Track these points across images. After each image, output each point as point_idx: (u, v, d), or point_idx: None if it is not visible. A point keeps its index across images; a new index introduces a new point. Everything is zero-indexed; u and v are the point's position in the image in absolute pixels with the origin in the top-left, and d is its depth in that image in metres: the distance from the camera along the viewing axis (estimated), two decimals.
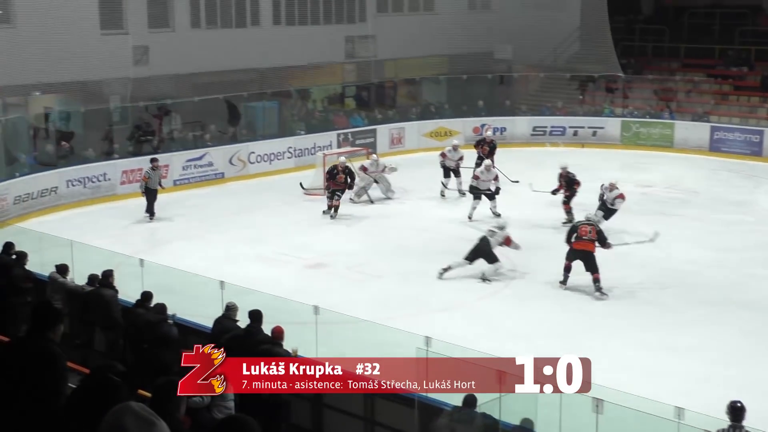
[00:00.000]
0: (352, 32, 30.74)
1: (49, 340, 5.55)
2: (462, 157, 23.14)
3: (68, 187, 22.26)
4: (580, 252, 15.91)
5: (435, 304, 15.36)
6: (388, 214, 21.65)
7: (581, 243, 15.87)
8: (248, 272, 16.52)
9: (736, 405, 8.63)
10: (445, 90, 32.70)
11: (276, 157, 26.58)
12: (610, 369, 12.31)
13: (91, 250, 15.31)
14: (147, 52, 25.97)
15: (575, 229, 16.17)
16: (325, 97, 31.80)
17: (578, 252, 15.92)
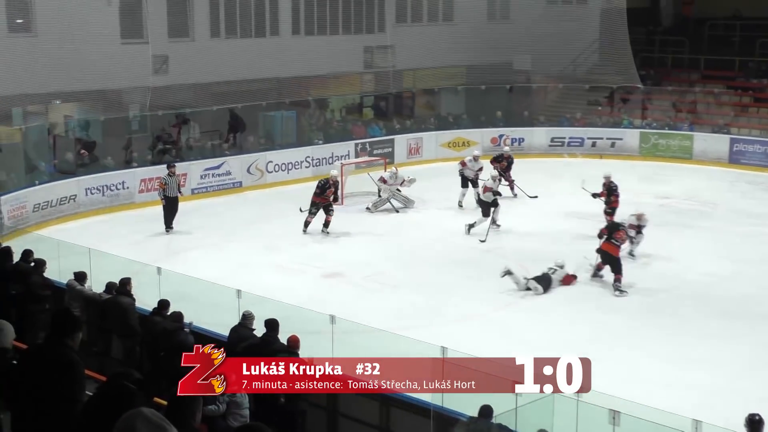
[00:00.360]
0: (370, 42, 30.79)
1: (68, 347, 5.58)
2: (482, 168, 23.07)
3: (87, 195, 22.38)
4: (604, 253, 16.67)
5: (451, 314, 15.33)
6: (405, 223, 21.64)
7: (606, 244, 16.63)
8: (265, 281, 16.54)
9: (755, 418, 8.57)
10: (463, 100, 32.68)
11: (294, 167, 26.63)
12: (627, 380, 12.29)
13: (109, 258, 15.39)
14: (167, 62, 26.10)
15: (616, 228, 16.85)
16: (344, 107, 31.86)
17: (603, 253, 16.70)
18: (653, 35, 34.30)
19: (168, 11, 25.92)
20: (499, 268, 16.60)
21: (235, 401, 9.45)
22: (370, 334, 12.89)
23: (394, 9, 30.46)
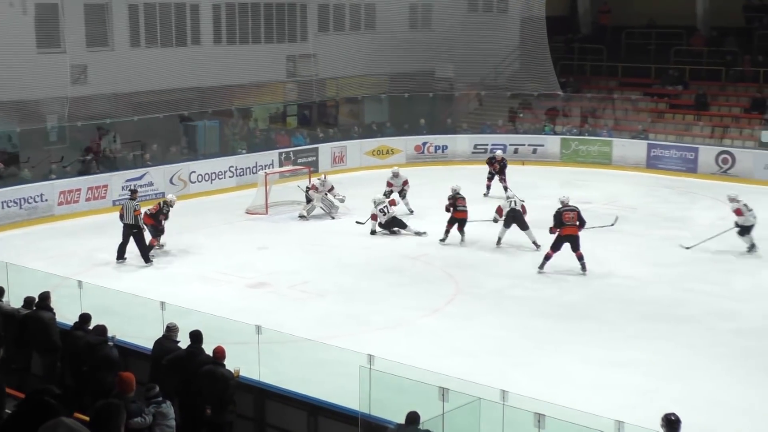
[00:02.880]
0: (293, 51, 30.74)
1: None
2: (406, 181, 23.33)
3: (3, 208, 21.84)
4: (567, 237, 17.96)
5: (378, 322, 15.35)
6: (330, 232, 21.63)
7: (568, 228, 17.93)
8: (189, 292, 16.37)
9: (671, 417, 8.74)
10: (386, 108, 32.87)
11: (217, 177, 26.43)
12: (552, 384, 12.47)
13: (28, 272, 15.03)
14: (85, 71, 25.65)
15: (560, 215, 18.07)
16: (267, 116, 31.76)
17: (566, 237, 17.96)
18: (572, 43, 34.97)
19: (86, 20, 25.47)
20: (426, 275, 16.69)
21: (161, 412, 9.31)
22: (296, 344, 12.86)
23: (317, 18, 30.47)
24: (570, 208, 18.18)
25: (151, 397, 9.40)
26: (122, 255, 18.79)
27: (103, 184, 23.82)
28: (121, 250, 18.78)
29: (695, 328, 15.18)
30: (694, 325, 15.27)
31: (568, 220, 17.98)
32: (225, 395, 10.19)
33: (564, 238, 17.99)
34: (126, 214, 18.74)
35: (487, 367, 13.06)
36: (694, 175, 27.87)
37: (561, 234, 18.01)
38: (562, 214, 18.08)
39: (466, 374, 10.83)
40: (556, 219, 18.12)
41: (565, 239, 17.98)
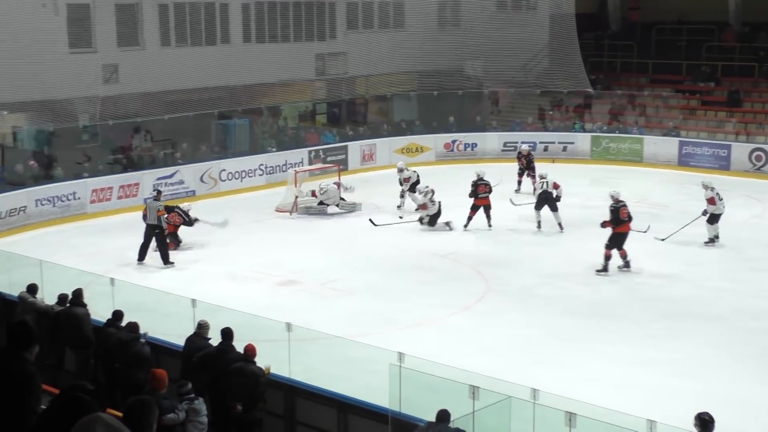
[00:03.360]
0: (322, 49, 30.81)
1: (25, 361, 5.50)
2: (409, 178, 23.55)
3: (37, 206, 22.08)
4: (623, 234, 17.79)
5: (407, 319, 15.36)
6: (360, 230, 21.66)
7: (624, 225, 17.81)
8: (220, 290, 16.45)
9: (705, 417, 8.68)
10: (415, 106, 32.85)
11: (247, 175, 26.55)
12: (581, 383, 12.42)
13: (61, 270, 15.18)
14: (116, 71, 25.87)
15: (617, 211, 17.86)
16: (297, 114, 31.84)
17: (622, 235, 17.78)
18: (602, 40, 34.76)
19: (117, 20, 25.68)
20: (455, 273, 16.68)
21: (194, 408, 9.39)
22: (326, 341, 12.89)
23: (346, 16, 30.51)
24: (623, 204, 18.02)
25: (183, 394, 9.48)
26: (143, 256, 18.76)
27: (134, 183, 24.01)
28: (143, 251, 18.76)
29: (722, 326, 15.06)
30: (721, 324, 15.15)
31: (624, 216, 17.83)
32: (255, 392, 10.25)
33: (619, 236, 17.78)
34: (149, 214, 18.77)
35: (516, 366, 13.03)
36: (727, 173, 27.59)
37: (615, 231, 17.79)
38: (619, 210, 17.86)
39: (494, 372, 10.81)
40: (613, 215, 17.86)
41: (620, 236, 17.79)
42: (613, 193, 18.36)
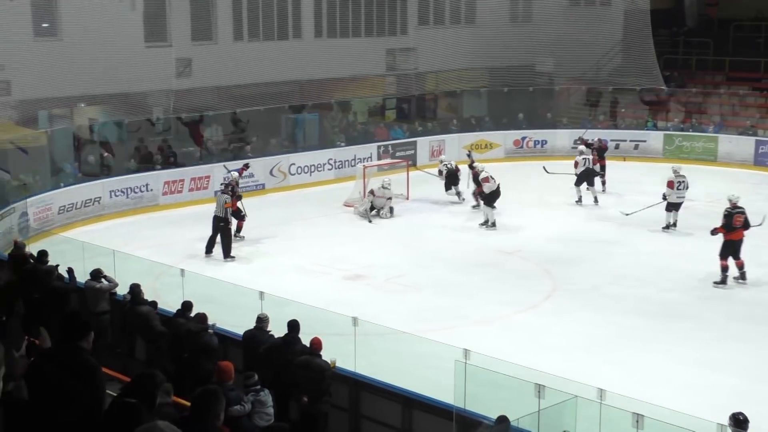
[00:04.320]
0: (393, 45, 30.82)
1: (83, 350, 5.54)
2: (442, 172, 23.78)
3: (111, 197, 22.53)
4: (734, 242, 16.83)
5: (473, 316, 15.31)
6: (427, 225, 21.64)
7: (737, 232, 16.79)
8: (287, 283, 16.59)
9: (739, 417, 8.73)
10: (485, 102, 32.67)
11: (316, 169, 26.71)
12: (648, 383, 12.24)
13: (133, 260, 15.47)
14: (190, 65, 26.24)
15: (731, 217, 16.88)
16: (366, 109, 31.91)
17: (733, 242, 16.82)
18: (677, 36, 34.12)
19: (191, 15, 26.05)
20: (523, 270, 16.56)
21: (260, 400, 9.50)
22: (392, 336, 12.91)
23: (417, 11, 30.49)
24: (740, 210, 16.98)
25: (249, 385, 9.59)
26: (210, 249, 18.93)
27: (205, 175, 24.35)
28: (210, 244, 18.93)
29: None
30: None
31: (738, 223, 16.81)
32: (321, 386, 10.32)
33: (731, 243, 16.84)
34: (217, 206, 18.98)
35: (582, 365, 12.89)
36: None
37: (727, 239, 16.84)
38: (734, 216, 16.88)
39: (561, 371, 10.71)
40: (726, 220, 16.92)
41: (731, 244, 16.84)
42: (731, 197, 17.30)
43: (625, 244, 19.58)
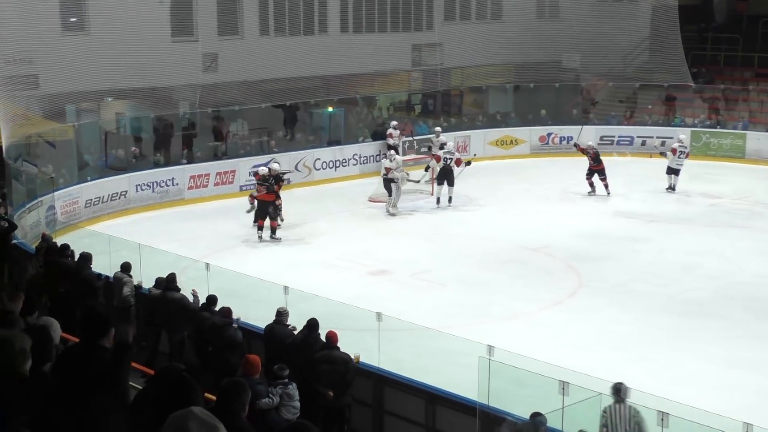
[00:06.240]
0: (418, 40, 30.77)
1: (104, 350, 5.54)
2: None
3: (137, 191, 22.65)
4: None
5: (498, 313, 15.27)
6: (452, 221, 21.61)
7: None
8: (312, 278, 16.59)
9: (618, 386, 9.21)
10: (511, 98, 32.56)
11: (341, 164, 26.72)
12: (675, 382, 12.15)
13: (159, 254, 15.55)
14: (216, 59, 26.34)
15: None
16: (391, 105, 31.89)
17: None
18: (705, 32, 33.79)
19: (218, 9, 26.14)
20: (548, 267, 16.48)
21: (288, 393, 9.52)
22: (416, 332, 12.90)
23: (443, 6, 30.41)
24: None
25: (278, 378, 9.60)
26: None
27: (230, 170, 24.43)
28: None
29: None
30: None
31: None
32: (345, 378, 10.33)
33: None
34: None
35: (607, 362, 12.80)
36: None
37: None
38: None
39: (585, 369, 10.66)
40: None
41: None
42: None
43: (652, 241, 19.45)
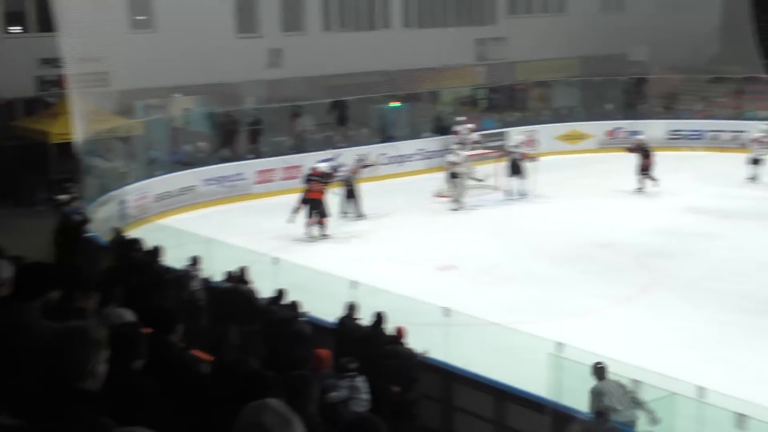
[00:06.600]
0: (482, 34, 30.62)
1: (171, 346, 5.58)
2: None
3: (205, 185, 22.89)
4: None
5: (567, 309, 15.05)
6: (520, 217, 21.41)
7: None
8: (378, 272, 16.56)
9: (597, 365, 9.60)
10: (577, 92, 32.18)
11: (406, 159, 26.65)
12: (753, 382, 11.83)
13: (227, 248, 15.67)
14: (281, 55, 26.50)
15: None
16: (455, 100, 31.76)
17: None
18: None
19: (282, 5, 26.33)
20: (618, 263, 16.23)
21: (355, 386, 9.51)
22: (483, 328, 12.79)
23: (506, 0, 30.20)
24: None
25: (345, 371, 9.60)
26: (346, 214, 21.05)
27: (296, 165, 24.53)
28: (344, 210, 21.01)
29: None
30: None
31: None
32: (411, 372, 10.29)
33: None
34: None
35: (681, 361, 12.53)
36: None
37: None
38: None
39: (657, 367, 10.46)
40: None
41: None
42: None
43: (724, 238, 19.02)
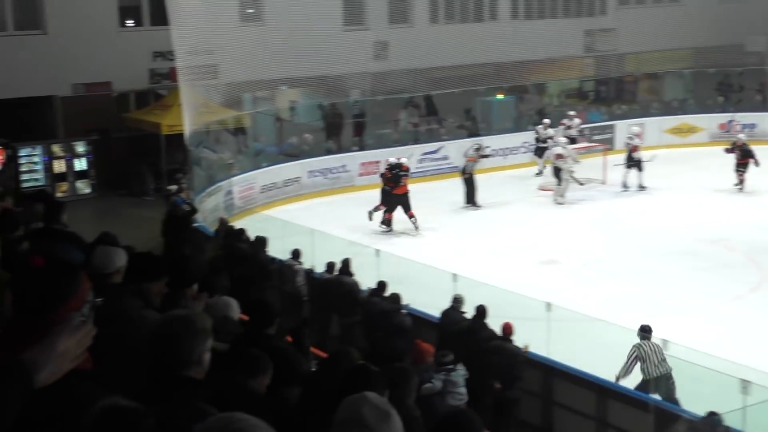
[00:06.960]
0: (591, 25, 30.10)
1: (269, 338, 5.66)
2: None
3: (310, 177, 23.16)
4: None
5: (673, 306, 14.68)
6: (625, 211, 21.00)
7: None
8: (480, 265, 16.47)
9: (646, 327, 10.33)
10: (689, 84, 31.33)
11: (511, 152, 26.42)
12: None
13: (330, 239, 15.83)
14: (386, 47, 26.59)
15: None
16: (563, 92, 31.33)
17: None
18: None
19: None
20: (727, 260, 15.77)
21: (451, 380, 9.48)
22: (586, 323, 12.59)
23: None
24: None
25: (443, 363, 9.58)
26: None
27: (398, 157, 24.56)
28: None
29: None
30: None
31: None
32: (513, 371, 10.21)
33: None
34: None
35: None
36: None
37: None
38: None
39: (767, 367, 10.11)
40: None
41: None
42: None
43: None
